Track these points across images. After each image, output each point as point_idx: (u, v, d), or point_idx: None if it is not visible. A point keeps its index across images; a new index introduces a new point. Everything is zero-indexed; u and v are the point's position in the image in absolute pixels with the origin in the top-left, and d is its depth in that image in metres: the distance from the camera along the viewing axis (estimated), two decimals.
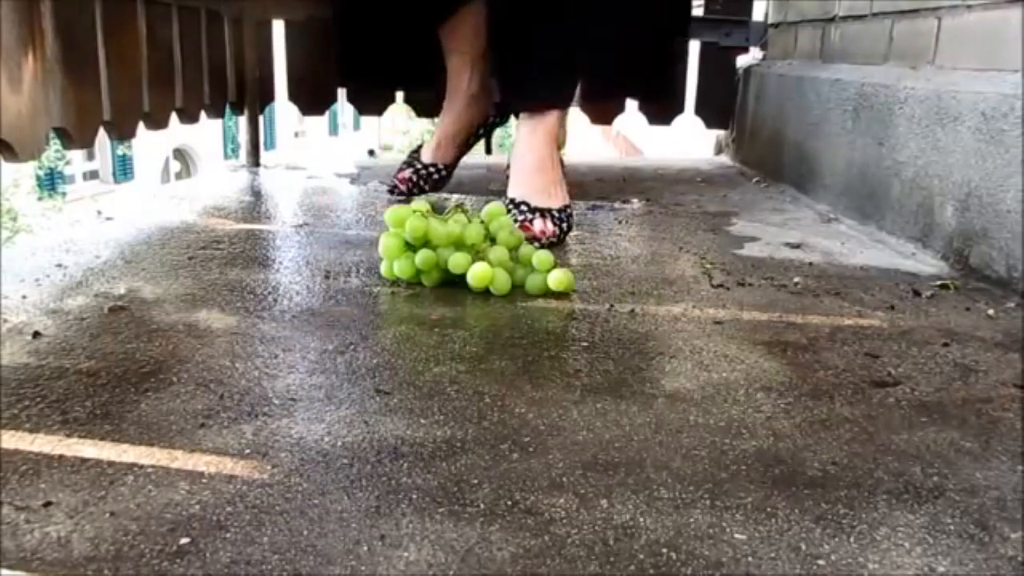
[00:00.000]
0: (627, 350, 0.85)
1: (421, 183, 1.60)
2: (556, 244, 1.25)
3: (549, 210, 1.27)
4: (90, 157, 12.47)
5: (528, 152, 1.33)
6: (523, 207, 1.27)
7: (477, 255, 1.03)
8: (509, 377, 0.77)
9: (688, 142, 2.90)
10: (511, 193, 1.31)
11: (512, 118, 1.53)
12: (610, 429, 0.67)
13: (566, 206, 1.30)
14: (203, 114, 1.77)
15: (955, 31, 1.27)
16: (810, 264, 1.20)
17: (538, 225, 1.25)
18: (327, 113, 2.21)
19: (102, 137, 1.40)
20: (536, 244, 1.18)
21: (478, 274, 1.00)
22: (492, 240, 1.07)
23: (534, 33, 1.32)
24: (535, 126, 1.33)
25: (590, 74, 1.74)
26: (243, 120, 1.99)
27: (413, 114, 2.21)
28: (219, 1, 1.79)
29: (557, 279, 1.01)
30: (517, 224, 1.22)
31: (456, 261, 1.01)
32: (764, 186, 1.87)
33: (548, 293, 1.02)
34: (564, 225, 1.28)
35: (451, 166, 1.62)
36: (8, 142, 1.08)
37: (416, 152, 1.64)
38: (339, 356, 0.81)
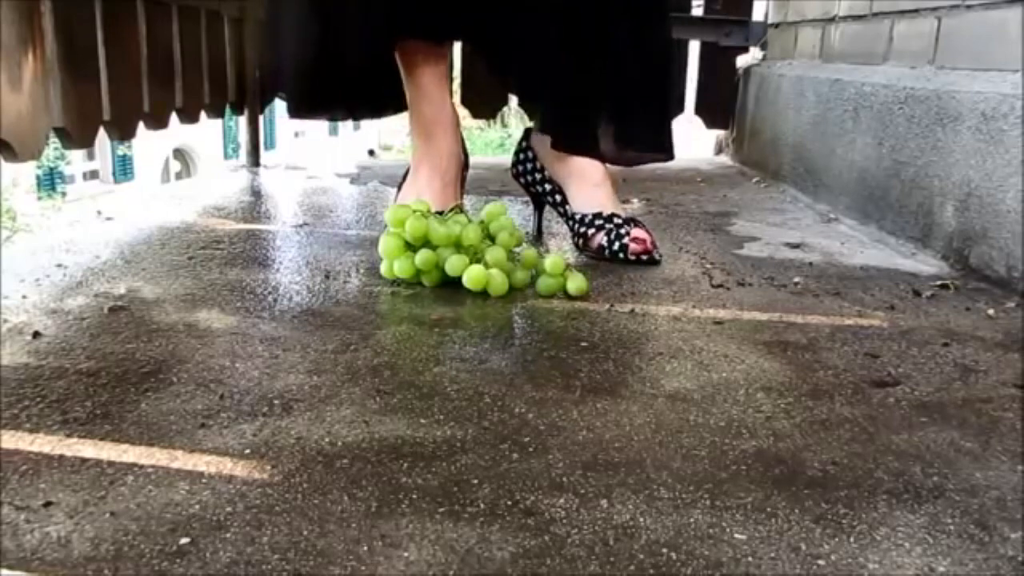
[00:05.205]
0: (627, 350, 0.85)
1: None
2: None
3: (633, 220, 1.22)
4: (90, 157, 12.45)
5: (592, 167, 1.24)
6: (615, 219, 1.20)
7: (475, 256, 1.03)
8: (509, 377, 0.77)
9: (688, 142, 2.90)
10: (593, 207, 1.22)
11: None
12: (610, 429, 0.67)
13: None
14: (203, 114, 1.77)
15: (955, 31, 1.27)
16: (810, 264, 1.20)
17: (646, 236, 1.19)
18: None
19: (102, 137, 1.40)
20: (645, 257, 1.17)
21: (473, 276, 1.00)
22: (492, 240, 1.07)
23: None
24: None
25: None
26: (243, 120, 1.99)
27: None
28: (219, 1, 1.79)
29: (578, 286, 1.01)
30: (627, 239, 1.17)
31: (453, 264, 1.01)
32: (764, 186, 1.87)
33: (547, 293, 1.02)
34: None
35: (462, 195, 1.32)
36: (8, 142, 1.08)
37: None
38: (339, 356, 0.81)
